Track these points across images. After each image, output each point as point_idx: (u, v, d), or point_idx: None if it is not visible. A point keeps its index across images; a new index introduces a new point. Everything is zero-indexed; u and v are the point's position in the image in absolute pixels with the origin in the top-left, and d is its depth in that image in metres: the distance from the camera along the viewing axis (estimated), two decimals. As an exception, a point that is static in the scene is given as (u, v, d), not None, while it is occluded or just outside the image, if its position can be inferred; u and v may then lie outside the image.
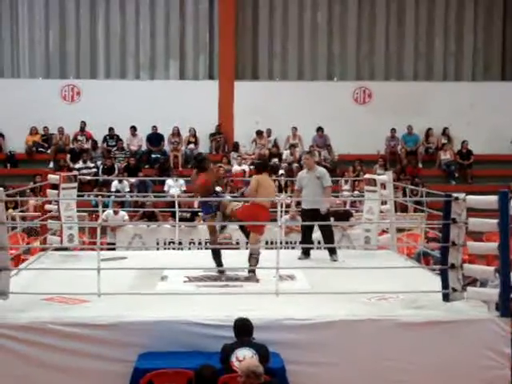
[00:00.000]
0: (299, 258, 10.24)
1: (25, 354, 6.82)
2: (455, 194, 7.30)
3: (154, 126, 20.26)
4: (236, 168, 19.13)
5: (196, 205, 14.95)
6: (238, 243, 13.77)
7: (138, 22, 21.23)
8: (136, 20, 21.21)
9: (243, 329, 6.54)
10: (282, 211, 10.53)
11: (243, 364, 5.83)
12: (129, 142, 20.27)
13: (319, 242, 13.70)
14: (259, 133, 20.36)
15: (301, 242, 10.95)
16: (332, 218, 13.45)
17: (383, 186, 10.74)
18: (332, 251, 10.15)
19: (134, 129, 20.20)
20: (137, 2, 21.15)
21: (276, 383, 6.10)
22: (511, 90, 20.81)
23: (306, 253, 10.39)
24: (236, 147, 20.24)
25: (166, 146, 20.40)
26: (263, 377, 5.72)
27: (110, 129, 20.26)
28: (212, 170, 9.88)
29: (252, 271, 8.88)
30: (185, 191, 16.93)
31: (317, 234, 10.71)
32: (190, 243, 13.65)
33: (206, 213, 9.45)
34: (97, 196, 14.75)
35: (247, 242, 9.63)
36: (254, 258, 8.90)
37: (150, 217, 14.29)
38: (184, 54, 21.38)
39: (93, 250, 10.28)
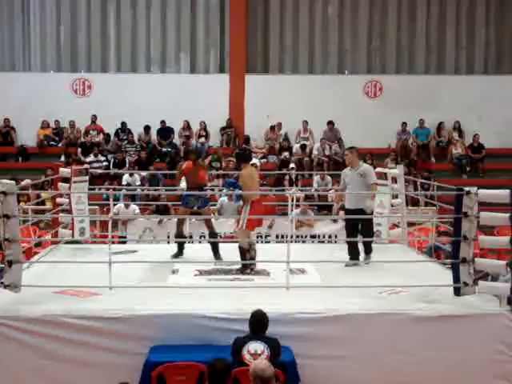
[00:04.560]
0: (346, 265, 9.15)
1: (37, 347, 6.87)
2: (467, 188, 7.27)
3: (163, 121, 20.28)
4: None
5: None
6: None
7: (149, 16, 21.22)
8: (147, 13, 21.20)
9: (258, 322, 6.55)
10: (292, 205, 10.53)
11: (251, 366, 5.57)
12: (140, 137, 20.29)
13: (330, 236, 13.76)
14: (272, 128, 20.35)
15: (349, 250, 9.48)
16: (342, 212, 13.49)
17: (394, 179, 10.72)
18: (370, 251, 9.48)
19: (147, 128, 20.21)
20: (148, -4, 21.21)
21: None
22: (523, 84, 20.74)
23: (354, 258, 9.33)
24: (247, 141, 20.22)
25: (177, 140, 20.41)
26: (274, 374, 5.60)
27: (123, 123, 20.29)
28: (200, 163, 10.20)
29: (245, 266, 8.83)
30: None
31: (330, 228, 10.68)
32: (200, 236, 13.66)
33: (182, 204, 10.01)
34: (108, 189, 14.78)
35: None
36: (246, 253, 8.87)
37: (162, 211, 14.30)
38: (195, 48, 21.37)
39: (104, 243, 10.30)
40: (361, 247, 9.54)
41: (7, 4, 21.08)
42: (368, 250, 9.54)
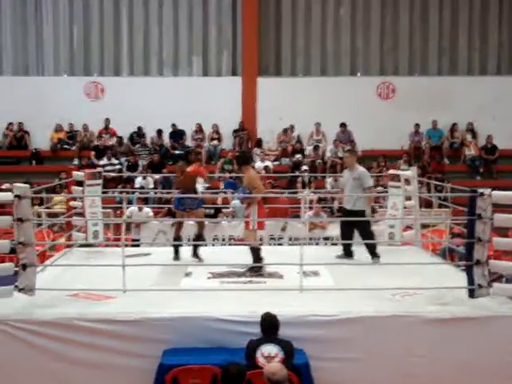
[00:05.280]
0: (338, 257, 9.78)
1: (50, 350, 6.89)
2: (480, 190, 7.23)
3: (173, 124, 20.32)
4: (259, 164, 19.12)
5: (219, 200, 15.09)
6: (261, 239, 13.78)
7: (162, 19, 21.29)
8: (159, 16, 21.28)
9: (270, 325, 6.54)
10: (305, 207, 10.54)
11: (265, 369, 5.61)
12: (153, 140, 20.33)
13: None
14: (285, 130, 20.38)
15: (343, 244, 10.13)
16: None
17: (407, 181, 10.69)
18: (373, 254, 9.62)
19: (160, 132, 20.25)
20: (160, -1, 21.27)
21: None
22: (537, 85, 20.64)
23: (347, 254, 9.87)
24: (259, 143, 20.23)
25: (189, 143, 20.42)
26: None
27: (139, 128, 20.28)
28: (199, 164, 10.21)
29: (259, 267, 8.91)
30: (208, 187, 16.94)
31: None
32: (213, 239, 13.68)
33: (175, 207, 9.99)
34: (121, 193, 14.82)
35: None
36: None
37: (174, 213, 14.30)
38: (207, 51, 21.42)
39: (117, 246, 10.34)
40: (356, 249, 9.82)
41: (20, 9, 21.21)
42: (372, 254, 9.60)
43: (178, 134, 20.43)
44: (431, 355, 6.97)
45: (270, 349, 6.34)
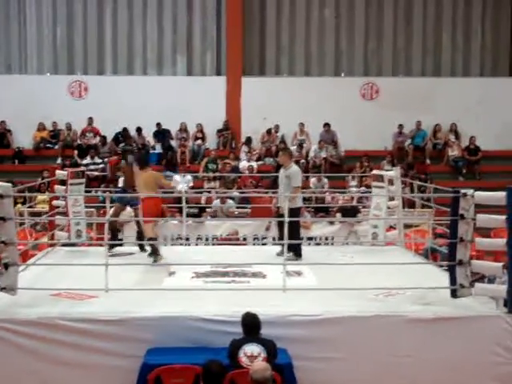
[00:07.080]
0: (278, 254, 9.75)
1: (32, 350, 6.84)
2: (463, 190, 7.27)
3: (158, 123, 20.24)
4: (244, 164, 19.12)
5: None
6: (245, 239, 13.81)
7: (146, 18, 21.23)
8: (143, 15, 21.21)
9: (251, 324, 6.54)
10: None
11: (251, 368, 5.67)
12: (135, 140, 20.23)
13: (326, 238, 13.77)
14: (269, 131, 20.34)
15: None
16: (339, 214, 13.54)
17: (391, 181, 10.73)
18: (294, 251, 9.70)
19: (139, 130, 20.12)
20: (144, -2, 21.21)
21: None
22: (520, 86, 20.77)
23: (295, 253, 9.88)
24: (248, 142, 20.15)
25: (173, 142, 20.36)
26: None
27: (124, 129, 20.14)
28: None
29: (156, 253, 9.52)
30: (192, 187, 16.91)
31: (326, 230, 10.76)
32: (197, 239, 13.67)
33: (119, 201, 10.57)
34: (104, 192, 14.75)
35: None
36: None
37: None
38: (191, 50, 21.38)
39: (100, 245, 10.31)
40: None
41: (3, 6, 21.08)
42: (294, 250, 9.79)
43: (162, 134, 20.36)
44: (414, 355, 6.99)
45: (252, 348, 6.34)
